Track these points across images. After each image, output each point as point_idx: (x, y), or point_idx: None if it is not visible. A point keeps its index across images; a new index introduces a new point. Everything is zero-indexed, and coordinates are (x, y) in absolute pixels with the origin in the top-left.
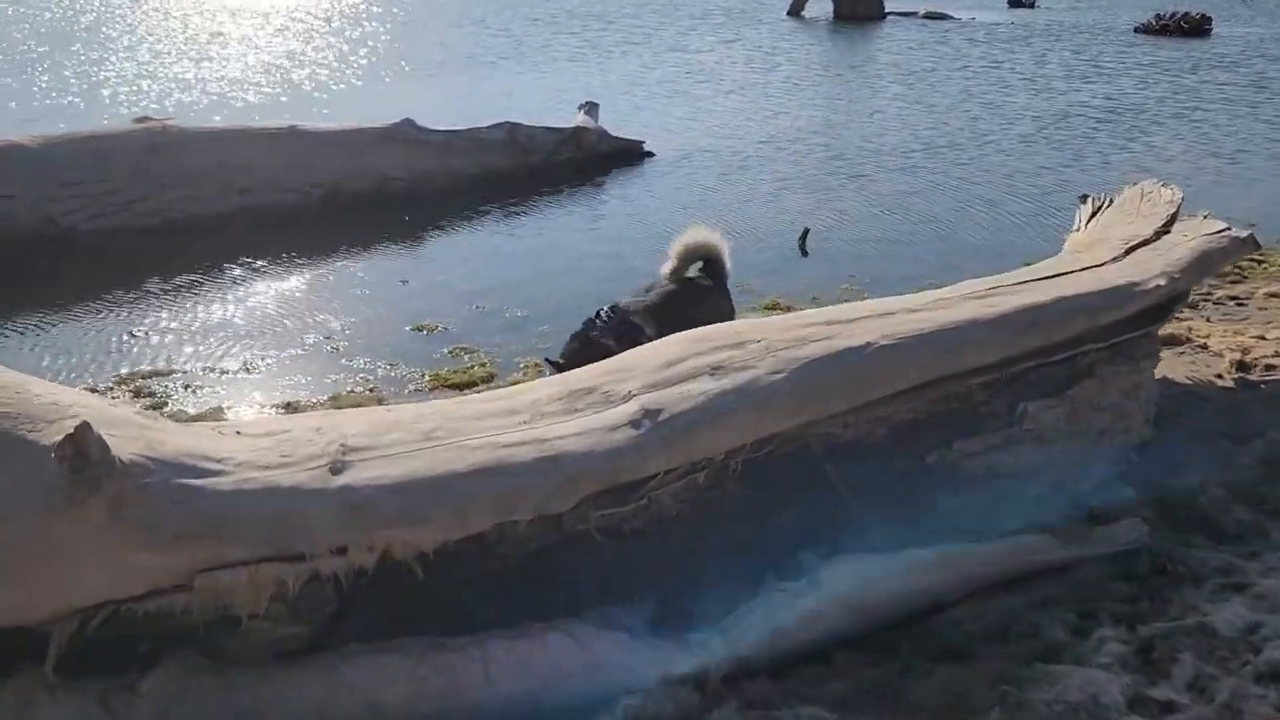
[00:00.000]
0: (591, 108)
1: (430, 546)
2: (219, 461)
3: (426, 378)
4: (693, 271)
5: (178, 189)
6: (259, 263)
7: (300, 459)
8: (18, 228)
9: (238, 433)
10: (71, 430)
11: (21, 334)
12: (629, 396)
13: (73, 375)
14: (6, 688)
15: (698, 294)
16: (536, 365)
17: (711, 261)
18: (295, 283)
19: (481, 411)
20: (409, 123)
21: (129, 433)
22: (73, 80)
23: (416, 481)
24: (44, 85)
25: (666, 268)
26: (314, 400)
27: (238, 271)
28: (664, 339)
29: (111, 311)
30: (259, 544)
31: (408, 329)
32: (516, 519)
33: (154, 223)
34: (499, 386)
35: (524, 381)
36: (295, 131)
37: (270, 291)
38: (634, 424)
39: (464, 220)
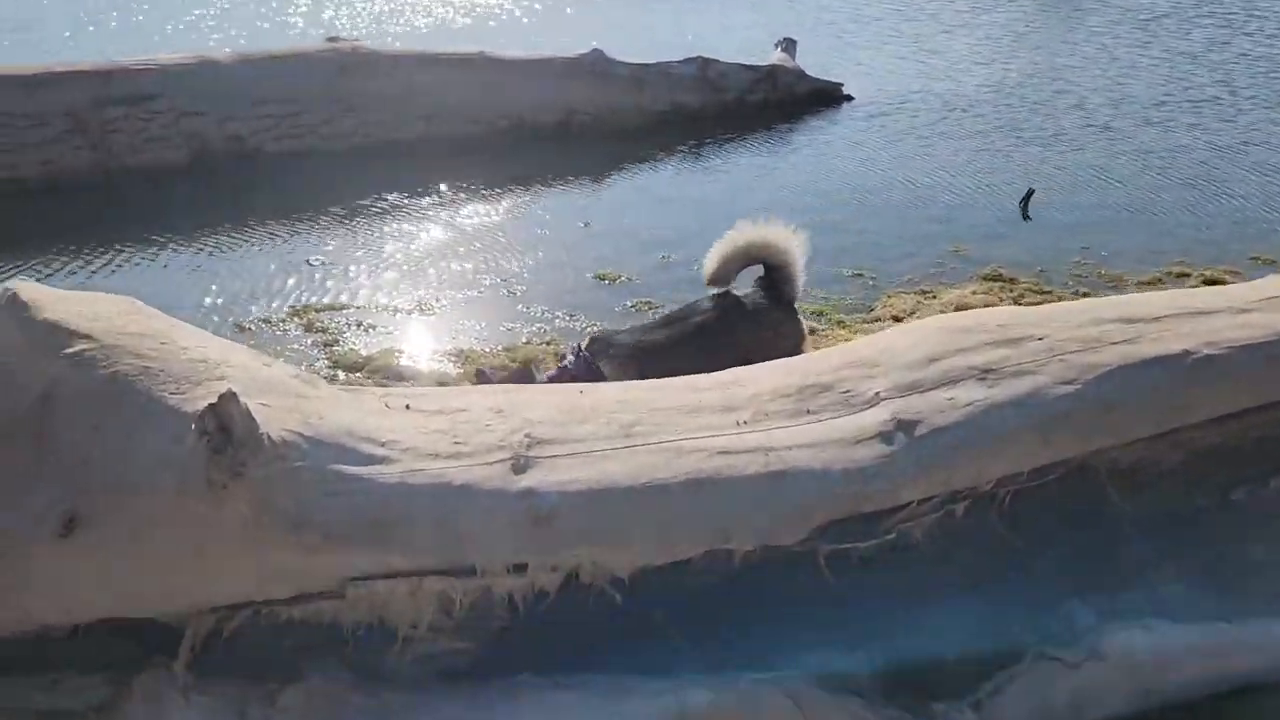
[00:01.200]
0: (789, 45)
1: (627, 572)
2: (383, 445)
3: None
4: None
5: (363, 113)
6: (439, 194)
7: (477, 449)
8: (207, 145)
9: (407, 406)
10: (215, 400)
11: (201, 254)
12: (876, 400)
13: (247, 302)
14: (135, 684)
15: (733, 323)
16: None
17: (773, 270)
18: (474, 218)
19: (692, 404)
20: (598, 53)
21: (283, 402)
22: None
23: (615, 491)
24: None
25: (706, 275)
26: (488, 350)
27: (418, 202)
28: (918, 324)
29: (290, 238)
30: (424, 553)
31: (589, 276)
32: (732, 548)
33: (338, 147)
34: None
35: None
36: (483, 59)
37: (449, 226)
38: (884, 437)
39: (650, 160)
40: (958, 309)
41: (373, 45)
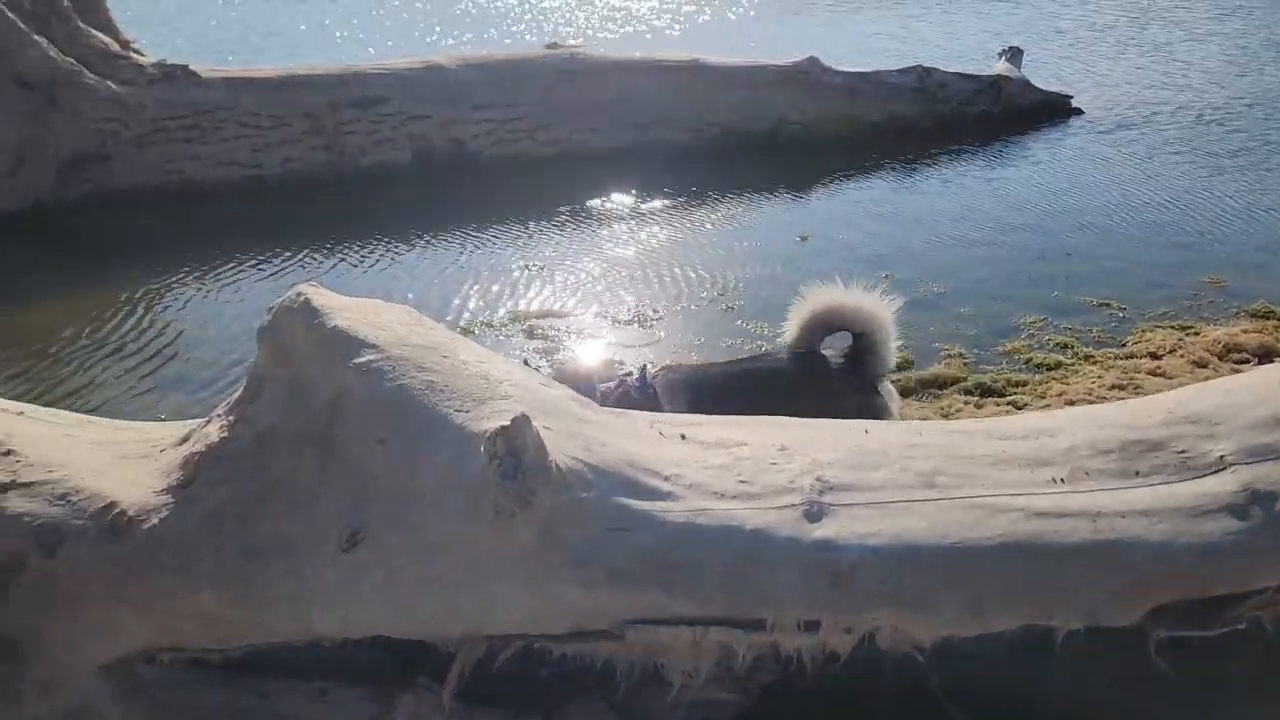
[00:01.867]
0: (1014, 54)
1: (930, 639)
2: (666, 479)
3: None
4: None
5: (579, 119)
6: (652, 202)
7: (765, 490)
8: (430, 147)
9: (682, 436)
10: (507, 423)
11: (423, 254)
12: (1221, 465)
13: (467, 304)
14: (399, 704)
15: (796, 382)
16: (961, 355)
17: (858, 340)
18: (687, 227)
19: (995, 455)
20: (813, 61)
21: (565, 426)
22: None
23: (920, 550)
24: (464, 6)
25: (786, 341)
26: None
27: (631, 210)
28: (1255, 376)
29: (506, 241)
30: (710, 601)
31: None
32: (1054, 625)
33: (552, 152)
34: (918, 375)
35: (947, 372)
36: (697, 66)
37: (662, 235)
38: (1235, 510)
39: (864, 172)
40: (1227, 349)
41: (590, 51)
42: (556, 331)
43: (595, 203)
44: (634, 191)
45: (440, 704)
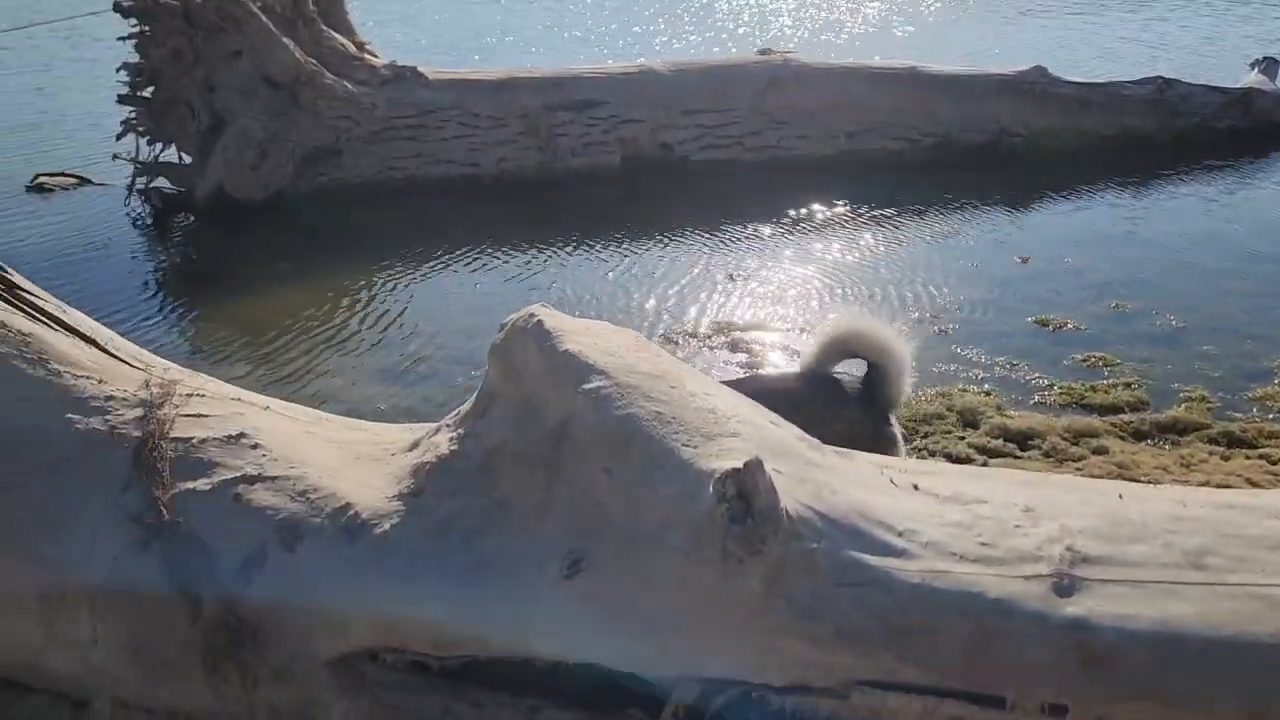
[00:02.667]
0: (1269, 65)
1: None
2: (900, 535)
3: (1055, 390)
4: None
5: (789, 127)
6: (861, 214)
7: (1008, 556)
8: (639, 151)
9: (915, 487)
10: (739, 465)
11: (627, 259)
12: None
13: (670, 313)
14: None
15: (812, 399)
16: (1204, 399)
17: (872, 369)
18: (899, 243)
19: (1277, 539)
20: (1039, 70)
21: (794, 469)
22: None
23: (1188, 639)
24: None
25: (803, 363)
26: (919, 393)
27: (840, 221)
28: None
29: (712, 249)
30: (946, 671)
31: (1028, 320)
32: None
33: (760, 159)
34: (1153, 418)
35: (1187, 417)
36: (914, 74)
37: (872, 249)
38: None
39: (1093, 190)
40: None
41: (803, 57)
42: (760, 345)
43: (803, 212)
44: (843, 202)
45: None
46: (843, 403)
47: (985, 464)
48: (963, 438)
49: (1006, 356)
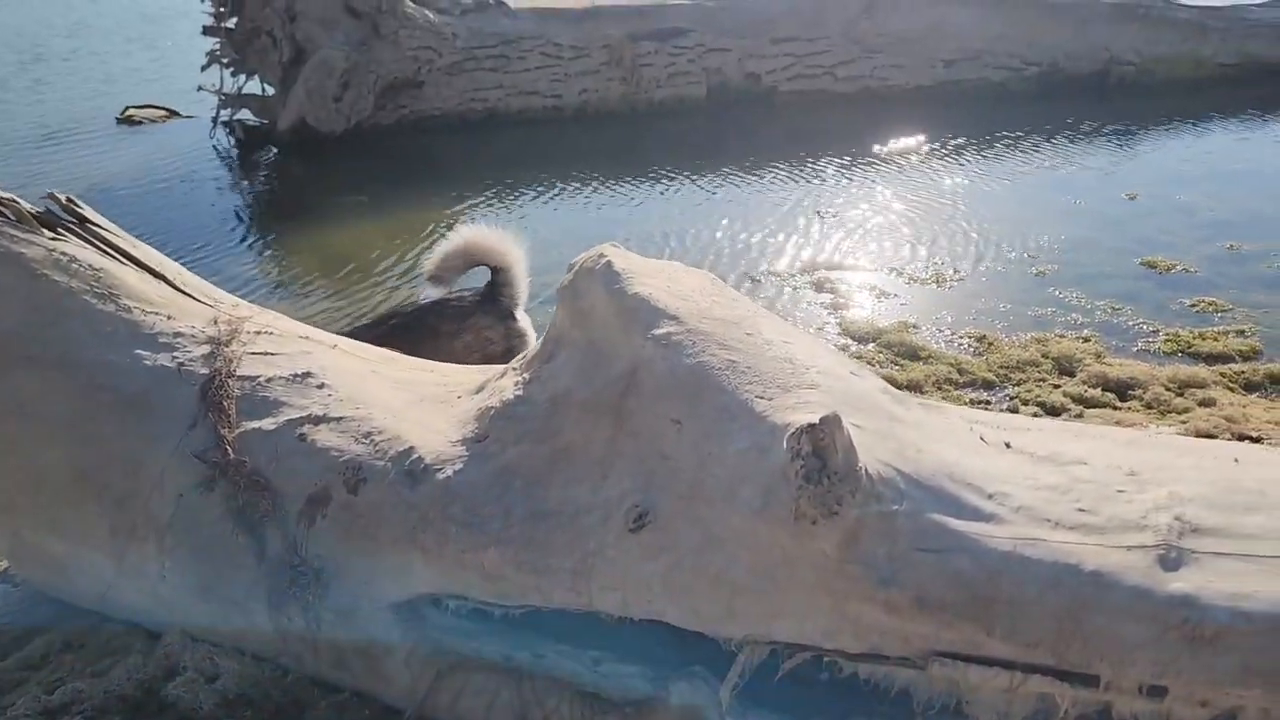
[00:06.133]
0: None
1: None
2: (990, 498)
3: (1162, 336)
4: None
5: (883, 55)
6: (956, 147)
7: (1109, 524)
8: (725, 82)
9: (1007, 445)
10: (815, 420)
11: (712, 193)
12: None
13: (755, 250)
14: (673, 689)
15: (441, 318)
16: None
17: (495, 274)
18: (994, 177)
19: None
20: None
21: (877, 425)
22: None
23: None
24: None
25: (425, 273)
26: (1012, 339)
27: (932, 155)
28: None
29: (798, 184)
30: (1034, 646)
31: (1135, 262)
32: None
33: (851, 90)
34: (1267, 368)
35: None
36: None
37: (965, 185)
38: None
39: (1209, 123)
40: None
41: None
42: (847, 286)
43: (895, 146)
44: (938, 135)
45: (716, 698)
46: (466, 315)
47: (1081, 415)
48: (1058, 386)
49: (1108, 300)
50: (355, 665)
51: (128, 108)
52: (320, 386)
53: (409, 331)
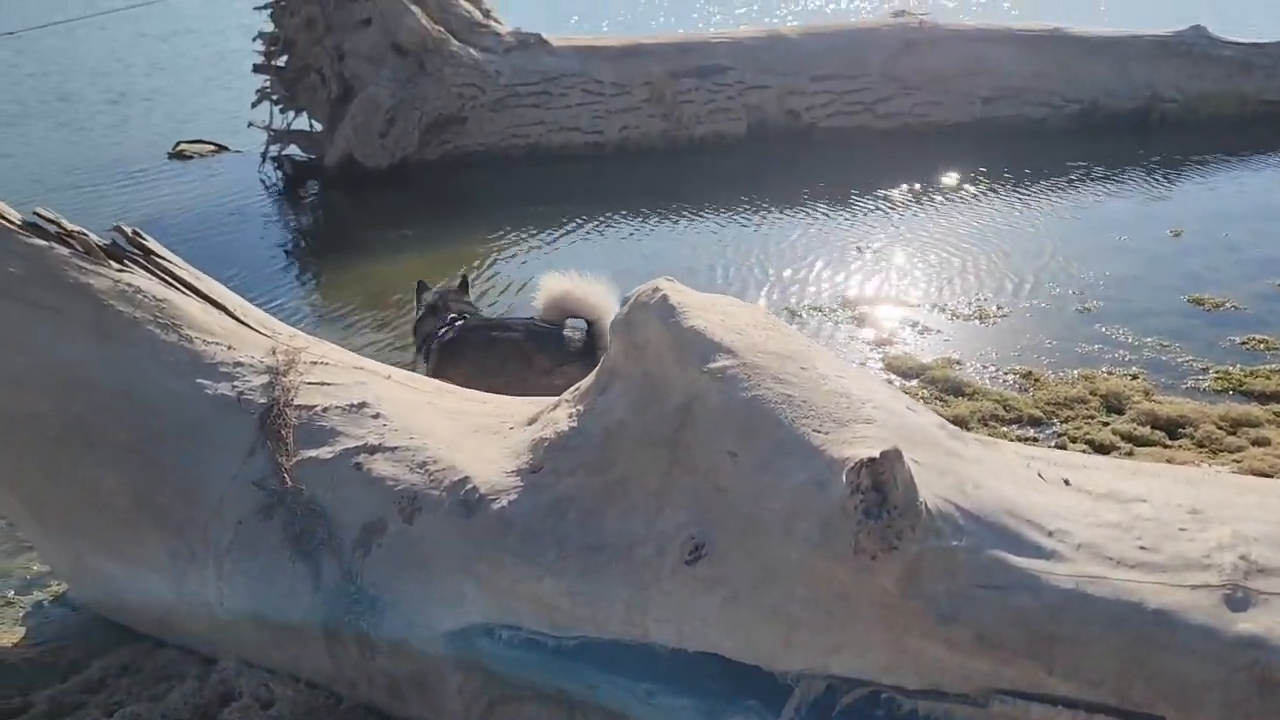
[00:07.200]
0: None
1: None
2: (1050, 535)
3: (1211, 374)
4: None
5: (922, 92)
6: (996, 184)
7: (1172, 563)
8: (765, 119)
9: (1066, 482)
10: (875, 454)
11: (752, 229)
12: None
13: (796, 284)
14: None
15: (540, 348)
16: None
17: (594, 326)
18: (1035, 214)
19: None
20: (1198, 31)
21: (934, 459)
22: None
23: None
24: None
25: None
26: (1058, 376)
27: (973, 192)
28: None
29: (838, 220)
30: (1098, 684)
31: (1181, 299)
32: None
33: (890, 126)
34: None
35: None
36: (1058, 36)
37: (1005, 221)
38: None
39: (1254, 160)
40: None
41: (940, 20)
42: (889, 321)
43: (935, 182)
44: (978, 172)
45: None
46: (564, 359)
47: (1131, 453)
48: (1106, 423)
49: (1156, 337)
50: (409, 694)
51: (179, 143)
52: (375, 416)
53: (507, 348)
